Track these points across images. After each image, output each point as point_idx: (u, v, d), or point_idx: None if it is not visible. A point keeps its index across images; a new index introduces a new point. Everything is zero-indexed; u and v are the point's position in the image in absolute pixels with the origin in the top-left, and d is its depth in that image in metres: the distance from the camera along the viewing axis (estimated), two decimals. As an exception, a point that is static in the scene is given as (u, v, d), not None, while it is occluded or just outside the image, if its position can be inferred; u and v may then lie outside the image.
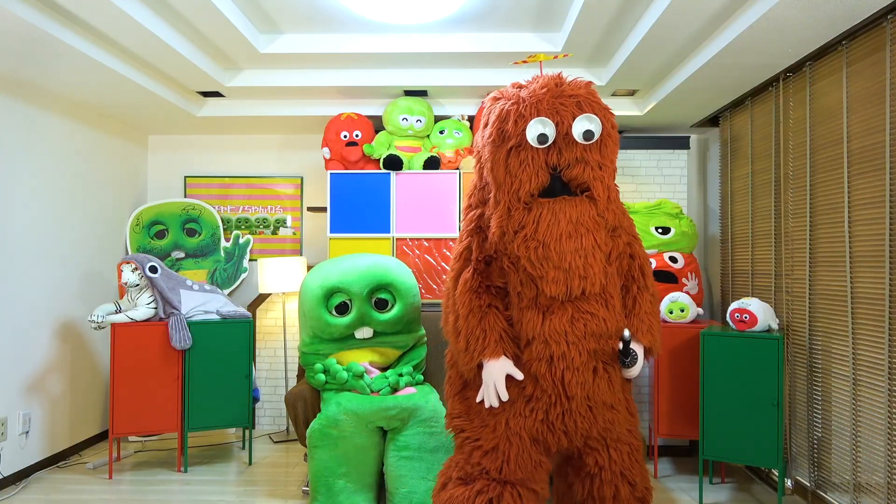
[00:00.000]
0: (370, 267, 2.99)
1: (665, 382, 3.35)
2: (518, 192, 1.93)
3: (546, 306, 1.97)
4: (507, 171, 1.95)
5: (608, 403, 2.04)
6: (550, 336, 1.95)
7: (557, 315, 1.95)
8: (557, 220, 1.90)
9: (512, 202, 1.95)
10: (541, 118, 1.92)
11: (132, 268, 3.37)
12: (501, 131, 1.96)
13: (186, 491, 3.17)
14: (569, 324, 1.94)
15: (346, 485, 2.71)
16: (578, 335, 1.94)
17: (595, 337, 1.96)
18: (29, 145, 3.36)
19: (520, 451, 2.03)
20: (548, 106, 1.93)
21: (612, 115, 2.02)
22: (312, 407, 2.91)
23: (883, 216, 2.37)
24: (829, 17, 2.35)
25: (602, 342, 1.98)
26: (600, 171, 1.95)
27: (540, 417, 2.01)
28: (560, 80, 1.99)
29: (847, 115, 2.59)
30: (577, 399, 1.98)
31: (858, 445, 2.56)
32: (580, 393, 1.97)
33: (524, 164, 1.92)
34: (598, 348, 1.98)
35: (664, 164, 3.91)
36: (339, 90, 3.66)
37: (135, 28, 2.68)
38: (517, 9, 2.93)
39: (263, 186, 4.41)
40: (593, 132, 1.92)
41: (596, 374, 1.99)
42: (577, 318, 1.95)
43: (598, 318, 1.96)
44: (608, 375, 2.02)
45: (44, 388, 3.48)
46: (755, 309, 2.90)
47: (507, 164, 1.95)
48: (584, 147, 1.93)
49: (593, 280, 1.91)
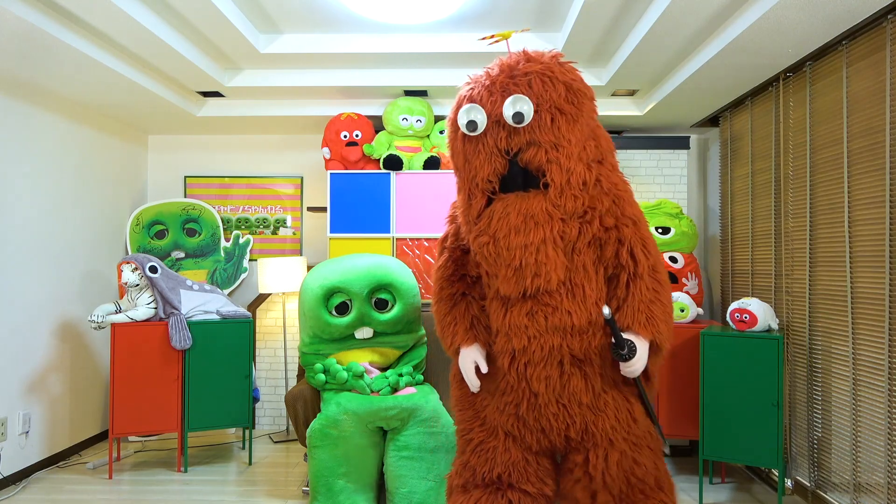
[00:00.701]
0: (370, 267, 2.99)
1: (665, 382, 3.34)
2: (475, 178, 1.84)
3: (506, 299, 1.87)
4: (465, 157, 1.88)
5: (585, 403, 1.89)
6: (511, 329, 1.86)
7: (517, 308, 1.85)
8: (507, 213, 1.79)
9: (471, 190, 1.87)
10: (471, 104, 1.82)
11: (132, 268, 3.37)
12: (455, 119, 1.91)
13: (186, 491, 3.17)
14: (528, 317, 1.83)
15: (346, 485, 2.71)
16: (539, 329, 1.82)
17: (559, 331, 1.82)
18: (29, 145, 3.36)
19: (502, 447, 2.02)
20: (500, 88, 1.81)
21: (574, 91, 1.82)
22: (312, 407, 2.91)
23: (883, 216, 2.37)
24: (829, 17, 2.35)
25: (568, 337, 1.83)
26: (556, 153, 1.77)
27: (513, 412, 1.95)
28: (521, 58, 1.85)
29: (847, 115, 2.59)
30: (543, 396, 1.87)
31: (858, 445, 2.56)
32: (544, 390, 1.86)
33: (477, 150, 1.84)
34: (564, 343, 1.84)
35: (664, 164, 3.91)
36: (339, 90, 3.66)
37: (135, 28, 2.68)
38: (517, 9, 2.93)
39: (263, 186, 4.41)
40: (523, 115, 1.76)
41: (562, 370, 1.86)
42: (537, 310, 1.82)
43: (562, 310, 1.82)
44: (583, 373, 1.87)
45: (44, 388, 3.48)
46: (755, 309, 2.90)
47: (464, 150, 1.88)
48: (530, 128, 1.78)
49: (548, 276, 1.78)
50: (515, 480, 2.03)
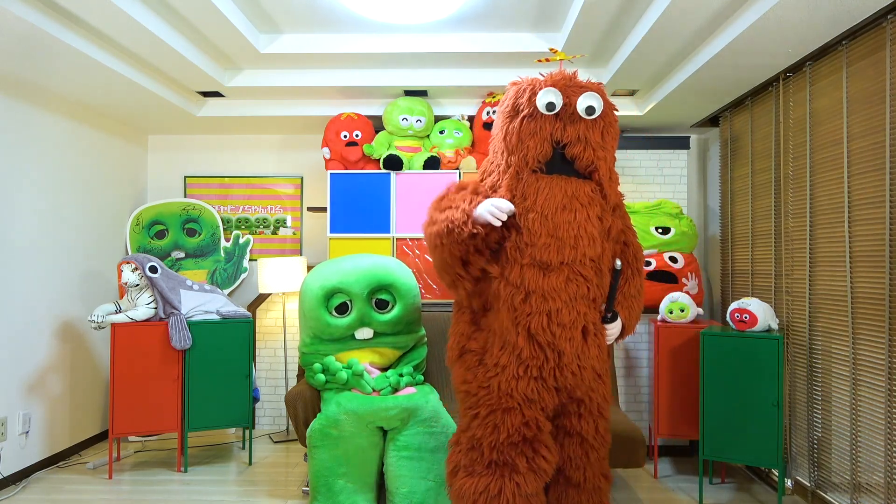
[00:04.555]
0: (370, 267, 2.99)
1: (665, 382, 3.35)
2: (526, 156, 2.12)
3: (545, 265, 2.09)
4: (520, 138, 2.13)
5: (597, 370, 2.19)
6: (548, 292, 2.08)
7: (556, 273, 2.09)
8: (554, 193, 2.08)
9: (520, 166, 2.13)
10: (552, 89, 2.11)
11: (132, 268, 3.37)
12: (516, 104, 2.18)
13: (186, 491, 3.17)
14: (565, 282, 2.08)
15: (346, 485, 2.71)
16: (571, 295, 2.08)
17: (586, 300, 2.11)
18: (29, 145, 3.36)
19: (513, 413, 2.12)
20: (560, 88, 2.13)
21: (615, 112, 2.21)
22: (312, 407, 2.91)
23: (883, 216, 2.37)
24: (829, 17, 2.35)
25: (591, 309, 2.13)
26: (602, 152, 2.13)
27: (534, 375, 2.11)
28: (574, 75, 2.20)
29: (847, 115, 2.59)
30: (568, 355, 2.10)
31: (858, 445, 2.56)
32: (570, 349, 2.09)
33: (533, 134, 2.11)
34: (589, 312, 2.12)
35: (664, 164, 3.91)
36: (339, 90, 3.66)
37: (135, 28, 2.68)
38: (517, 9, 2.93)
39: (263, 186, 4.41)
40: (594, 108, 2.10)
41: (586, 336, 2.12)
42: (573, 279, 2.09)
43: (592, 284, 2.11)
44: (598, 342, 2.16)
45: (44, 388, 3.48)
46: (755, 309, 2.90)
47: (520, 131, 2.13)
48: (586, 126, 2.10)
49: (582, 251, 2.08)
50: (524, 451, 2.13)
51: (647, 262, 3.58)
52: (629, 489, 3.20)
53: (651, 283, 3.51)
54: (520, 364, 2.11)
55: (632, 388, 3.84)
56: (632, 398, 3.84)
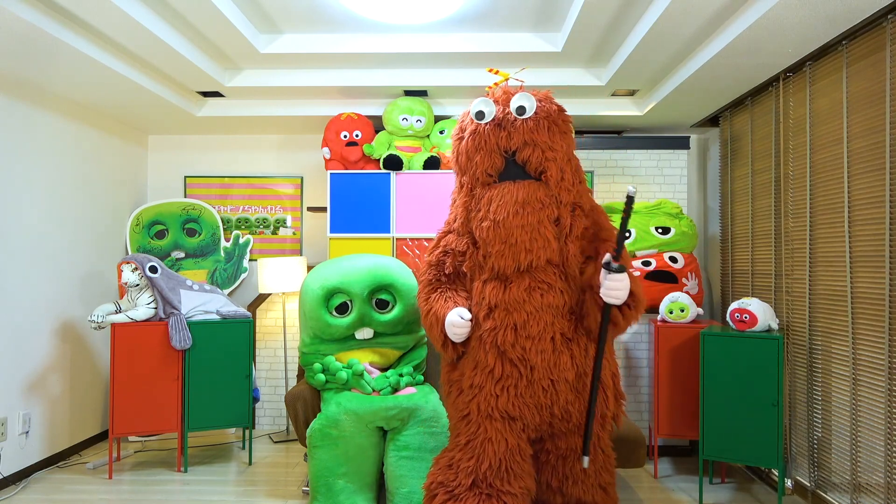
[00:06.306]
0: (370, 267, 2.99)
1: (665, 382, 3.35)
2: (475, 172, 2.16)
3: (505, 276, 2.10)
4: (468, 156, 2.19)
5: (570, 382, 2.11)
6: (510, 304, 2.07)
7: (516, 284, 2.08)
8: (505, 200, 2.08)
9: (473, 183, 2.18)
10: (483, 99, 2.18)
11: (132, 268, 3.37)
12: (462, 126, 2.27)
13: (186, 491, 3.17)
14: (526, 293, 2.07)
15: (346, 485, 2.71)
16: (536, 305, 2.06)
17: (552, 309, 2.07)
18: (29, 145, 3.36)
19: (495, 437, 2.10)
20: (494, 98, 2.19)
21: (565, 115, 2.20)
22: (312, 407, 2.91)
23: (883, 216, 2.37)
24: (829, 17, 2.35)
25: (559, 317, 2.09)
26: (552, 153, 2.11)
27: (513, 393, 2.09)
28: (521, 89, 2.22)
29: (847, 115, 2.59)
30: (538, 369, 2.07)
31: (858, 445, 2.56)
32: (540, 362, 2.06)
33: (479, 148, 2.14)
34: (556, 321, 2.08)
35: (664, 164, 3.91)
36: (339, 90, 3.66)
37: (135, 28, 2.68)
38: (517, 9, 2.93)
39: (263, 186, 4.41)
40: (525, 107, 2.11)
41: (554, 346, 2.07)
42: (535, 287, 2.07)
43: (556, 290, 2.08)
44: (570, 352, 2.10)
45: (44, 388, 3.48)
46: (755, 309, 2.90)
47: (468, 150, 2.18)
48: (530, 129, 2.10)
49: (538, 254, 2.05)
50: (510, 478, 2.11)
51: (647, 262, 3.58)
52: (629, 489, 3.20)
53: (651, 283, 3.51)
54: (495, 383, 2.10)
55: (632, 388, 3.84)
56: (632, 398, 3.84)
